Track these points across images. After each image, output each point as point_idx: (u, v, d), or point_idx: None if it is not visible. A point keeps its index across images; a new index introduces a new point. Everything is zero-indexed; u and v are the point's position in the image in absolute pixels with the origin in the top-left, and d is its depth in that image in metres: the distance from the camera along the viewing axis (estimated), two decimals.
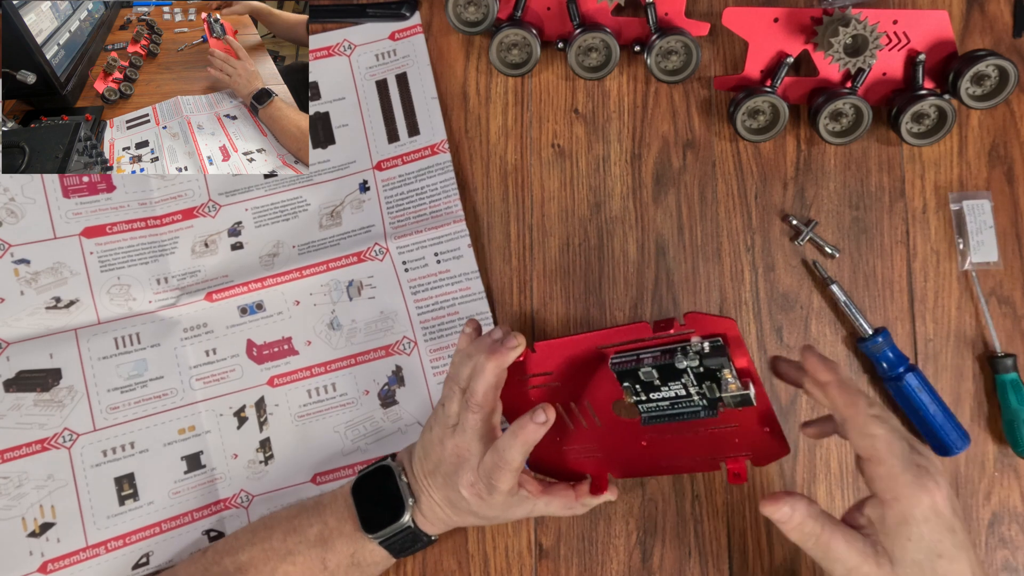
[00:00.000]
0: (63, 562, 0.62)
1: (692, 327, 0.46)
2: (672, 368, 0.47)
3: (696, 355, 0.46)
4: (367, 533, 0.57)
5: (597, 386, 0.52)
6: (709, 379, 0.47)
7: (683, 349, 0.46)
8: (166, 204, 0.68)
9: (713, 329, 0.46)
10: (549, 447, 0.57)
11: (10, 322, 0.64)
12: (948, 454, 0.63)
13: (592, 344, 0.50)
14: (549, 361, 0.51)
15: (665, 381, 0.48)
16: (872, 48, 0.62)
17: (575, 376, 0.52)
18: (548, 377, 0.53)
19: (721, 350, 0.45)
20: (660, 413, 0.50)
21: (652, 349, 0.48)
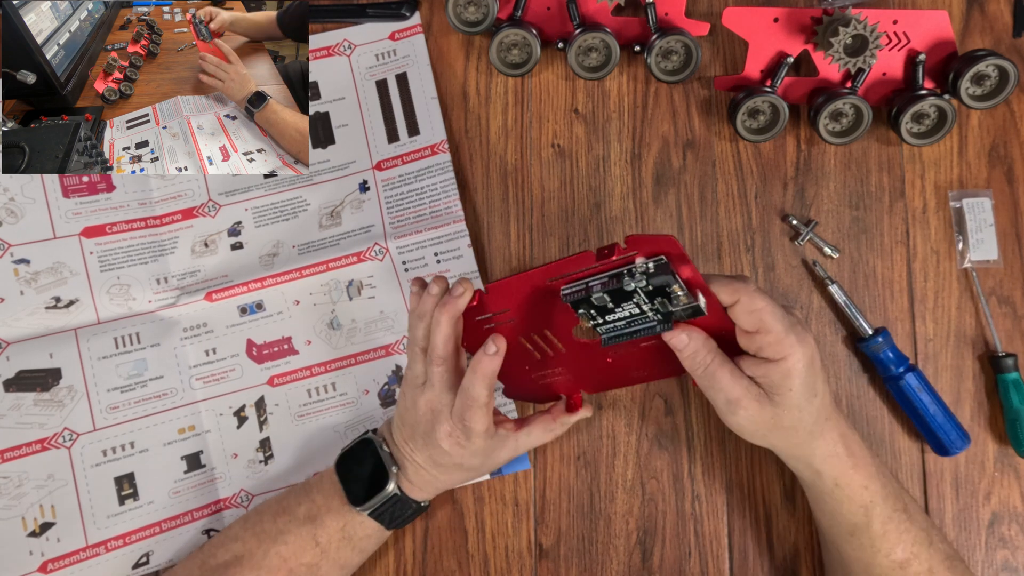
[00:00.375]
0: (63, 562, 0.62)
1: (634, 249, 0.46)
2: (622, 291, 0.47)
3: (643, 276, 0.46)
4: (354, 506, 0.57)
5: (555, 316, 0.53)
6: (659, 295, 0.48)
7: (629, 272, 0.47)
8: (166, 204, 0.68)
9: (655, 248, 0.46)
10: (521, 376, 0.59)
11: (10, 322, 0.64)
12: (948, 454, 0.63)
13: (541, 279, 0.50)
14: (504, 300, 0.52)
15: (618, 303, 0.48)
16: (872, 48, 0.62)
17: (533, 310, 0.52)
18: (506, 315, 0.53)
19: (665, 267, 0.46)
20: (618, 333, 0.51)
21: (599, 276, 0.48)
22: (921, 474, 0.65)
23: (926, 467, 0.65)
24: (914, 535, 0.54)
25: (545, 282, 0.50)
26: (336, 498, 0.58)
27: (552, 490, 0.66)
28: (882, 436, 0.65)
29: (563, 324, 0.54)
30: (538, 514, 0.66)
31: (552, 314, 0.53)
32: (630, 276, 0.47)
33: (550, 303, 0.52)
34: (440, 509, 0.66)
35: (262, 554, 0.57)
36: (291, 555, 0.57)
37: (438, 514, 0.66)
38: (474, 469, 0.58)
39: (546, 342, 0.55)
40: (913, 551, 0.54)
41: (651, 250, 0.46)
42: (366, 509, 0.57)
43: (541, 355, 0.57)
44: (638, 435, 0.66)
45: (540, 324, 0.54)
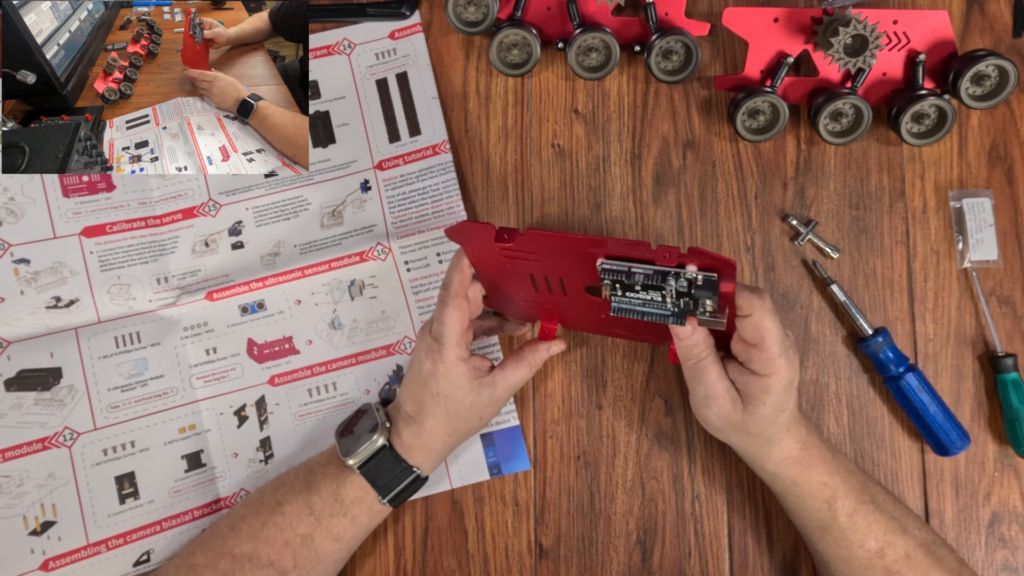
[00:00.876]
0: (64, 560, 0.62)
1: (692, 261, 0.47)
2: (660, 282, 0.48)
3: (687, 282, 0.47)
4: (344, 458, 0.58)
5: (575, 271, 0.53)
6: (688, 298, 0.48)
7: (675, 275, 0.47)
8: (166, 204, 0.68)
9: (711, 265, 0.47)
10: (510, 295, 0.60)
11: (10, 321, 0.64)
12: (948, 454, 0.63)
13: (584, 246, 0.50)
14: (536, 246, 0.52)
15: (645, 289, 0.49)
16: (872, 48, 0.62)
17: (558, 261, 0.53)
18: (531, 255, 0.53)
19: (713, 286, 0.47)
20: (630, 308, 0.50)
21: (645, 266, 0.48)
22: (921, 474, 0.65)
23: (926, 467, 0.65)
24: (884, 524, 0.55)
25: (586, 249, 0.50)
26: (331, 461, 0.59)
27: (552, 490, 0.66)
28: (882, 436, 0.65)
29: (578, 281, 0.54)
30: (538, 514, 0.66)
31: (573, 269, 0.53)
32: (674, 278, 0.47)
33: (578, 261, 0.51)
34: (440, 509, 0.66)
35: (259, 525, 0.58)
36: (287, 525, 0.57)
37: (438, 514, 0.66)
38: (458, 416, 0.59)
39: (553, 284, 0.56)
40: (886, 539, 0.55)
41: (707, 264, 0.47)
42: (355, 461, 0.57)
43: (540, 287, 0.57)
44: (638, 435, 0.66)
45: (557, 272, 0.54)
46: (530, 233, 0.51)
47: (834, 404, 0.66)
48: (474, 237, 0.54)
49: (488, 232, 0.52)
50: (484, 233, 0.52)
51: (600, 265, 0.49)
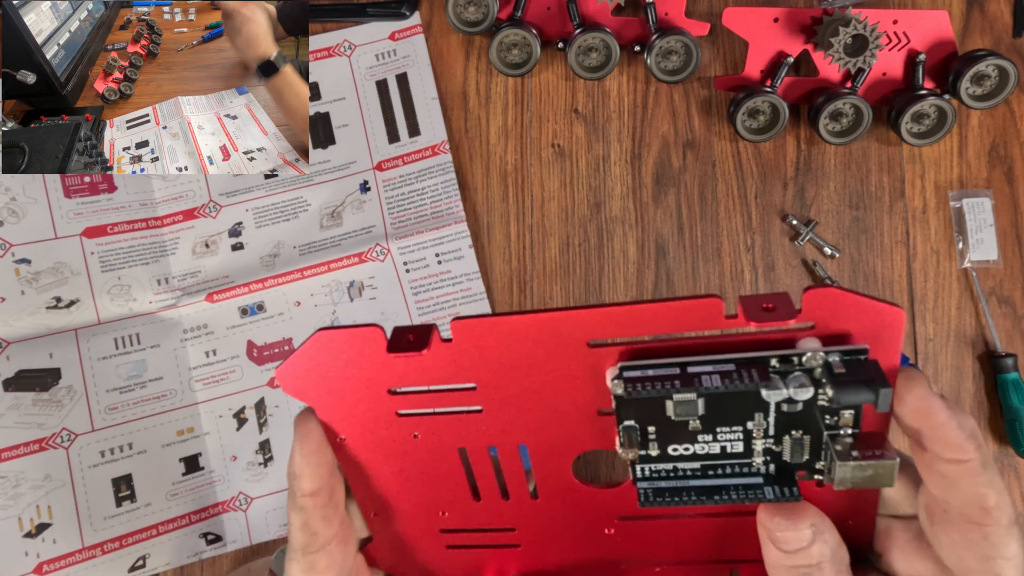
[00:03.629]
0: (59, 563, 0.62)
1: (813, 316, 0.24)
2: (743, 399, 0.25)
3: (805, 374, 0.24)
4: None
5: (556, 414, 0.27)
6: (800, 425, 0.25)
7: (785, 361, 0.24)
8: (167, 205, 0.68)
9: (853, 325, 0.24)
10: (424, 522, 0.31)
11: (10, 321, 0.64)
12: None
13: (574, 328, 0.25)
14: (472, 359, 0.26)
15: (713, 424, 0.25)
16: (872, 48, 0.62)
17: (518, 386, 0.26)
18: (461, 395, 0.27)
19: (873, 370, 0.23)
20: (678, 485, 0.26)
21: (716, 358, 0.25)
22: None
23: None
24: None
25: (583, 340, 0.25)
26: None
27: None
28: None
29: (566, 439, 0.28)
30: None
31: (554, 408, 0.27)
32: (780, 374, 0.24)
33: (563, 382, 0.26)
34: None
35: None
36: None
37: None
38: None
39: (511, 471, 0.29)
40: None
41: (844, 325, 0.24)
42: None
43: (486, 497, 0.30)
44: None
45: (517, 427, 0.28)
46: (464, 326, 0.25)
47: None
48: (337, 364, 0.26)
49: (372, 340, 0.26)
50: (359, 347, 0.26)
51: (618, 377, 0.25)
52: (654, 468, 0.26)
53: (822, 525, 0.26)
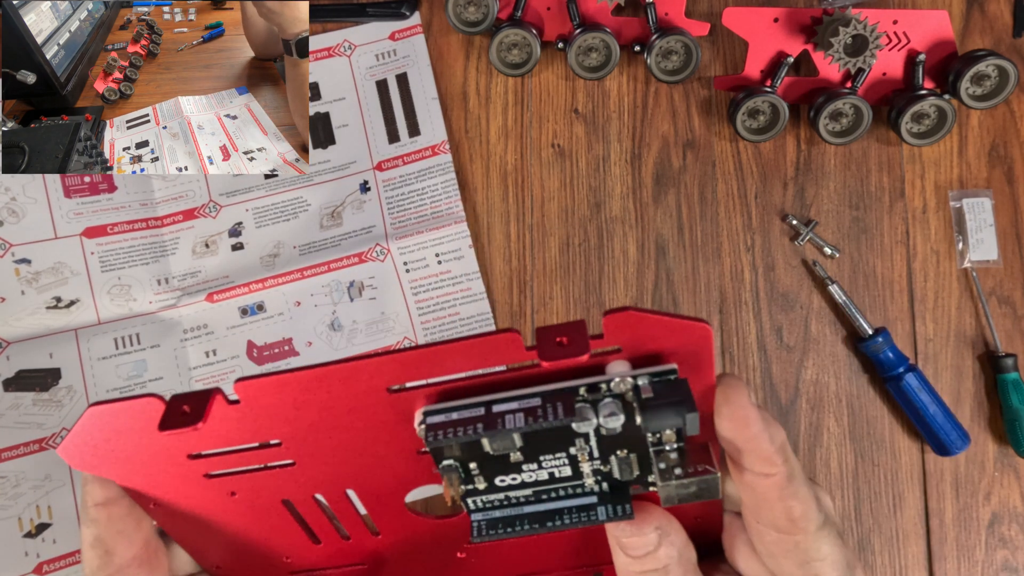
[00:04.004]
0: (58, 564, 0.62)
1: (617, 340, 0.23)
2: (560, 430, 0.23)
3: (615, 400, 0.23)
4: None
5: (380, 459, 0.26)
6: (625, 445, 0.24)
7: (593, 390, 0.23)
8: (167, 205, 0.68)
9: (662, 345, 0.23)
10: (267, 569, 0.30)
11: (10, 321, 0.64)
12: (948, 454, 0.63)
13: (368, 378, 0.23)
14: (271, 418, 0.24)
15: (535, 453, 0.24)
16: (872, 48, 0.62)
17: (330, 444, 0.25)
18: (270, 451, 0.25)
19: (682, 391, 0.22)
20: (511, 513, 0.26)
21: (518, 395, 0.24)
22: (921, 474, 0.65)
23: (926, 467, 0.65)
24: None
25: (381, 387, 0.24)
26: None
27: None
28: (882, 436, 0.65)
29: (392, 479, 0.27)
30: None
31: (374, 457, 0.26)
32: (591, 404, 0.23)
33: (374, 430, 0.25)
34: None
35: None
36: None
37: None
38: None
39: (343, 514, 0.28)
40: None
41: (652, 346, 0.23)
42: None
43: (323, 537, 0.29)
44: None
45: (340, 474, 0.27)
46: (250, 387, 0.24)
47: (834, 404, 0.66)
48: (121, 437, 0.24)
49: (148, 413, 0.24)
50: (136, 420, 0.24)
51: (422, 423, 0.24)
52: (486, 499, 0.26)
53: (668, 527, 0.26)
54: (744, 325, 0.66)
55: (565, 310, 0.67)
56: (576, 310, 0.67)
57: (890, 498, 0.65)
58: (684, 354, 0.23)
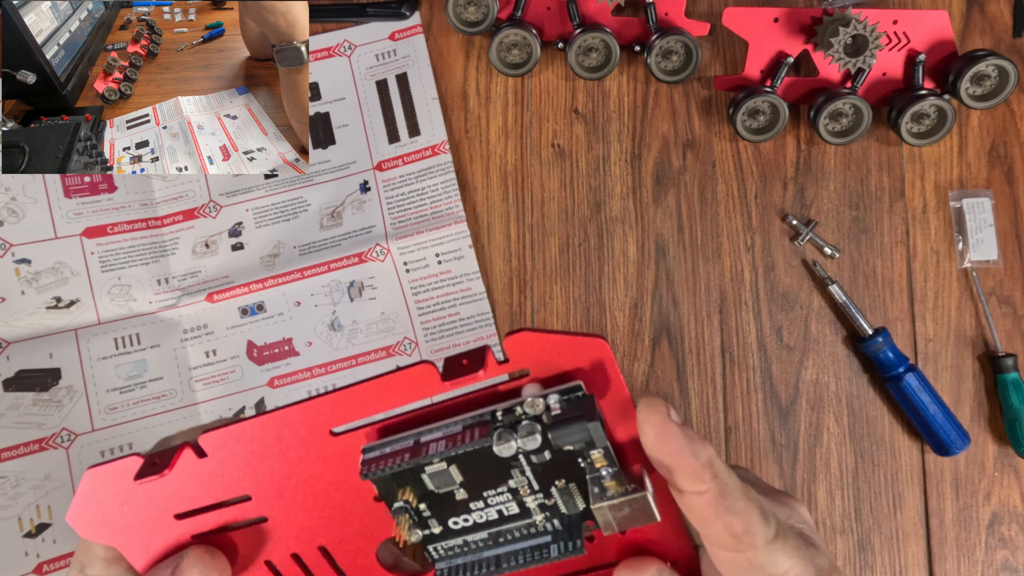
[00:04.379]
0: (58, 564, 0.62)
1: (523, 362, 0.24)
2: (488, 458, 0.24)
3: (532, 422, 0.24)
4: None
5: (343, 510, 0.27)
6: (563, 474, 0.25)
7: (508, 413, 0.24)
8: (167, 205, 0.68)
9: (567, 363, 0.24)
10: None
11: (10, 321, 0.64)
12: (948, 454, 0.63)
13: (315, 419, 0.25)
14: (234, 470, 0.26)
15: (477, 489, 0.25)
16: (872, 48, 0.62)
17: (297, 495, 0.27)
18: (243, 507, 0.27)
19: (586, 406, 0.23)
20: (472, 559, 0.27)
21: (447, 422, 0.25)
22: (921, 474, 0.65)
23: (926, 467, 0.65)
24: None
25: (324, 430, 0.25)
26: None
27: None
28: (882, 436, 0.65)
29: (360, 530, 0.28)
30: None
31: (337, 508, 0.27)
32: (507, 426, 0.24)
33: (329, 480, 0.26)
34: None
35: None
36: None
37: None
38: None
39: (319, 568, 0.29)
40: None
41: (557, 366, 0.24)
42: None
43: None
44: None
45: (312, 529, 0.28)
46: (208, 439, 0.26)
47: (834, 404, 0.66)
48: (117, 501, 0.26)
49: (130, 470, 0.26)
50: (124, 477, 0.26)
51: (362, 460, 0.25)
52: (445, 546, 0.27)
53: (642, 565, 0.27)
54: (744, 325, 0.66)
55: (565, 310, 0.67)
56: (576, 310, 0.67)
57: (890, 498, 0.65)
58: (590, 370, 0.24)
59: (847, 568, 0.64)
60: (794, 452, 0.65)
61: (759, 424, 0.65)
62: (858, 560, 0.64)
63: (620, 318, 0.67)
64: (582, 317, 0.67)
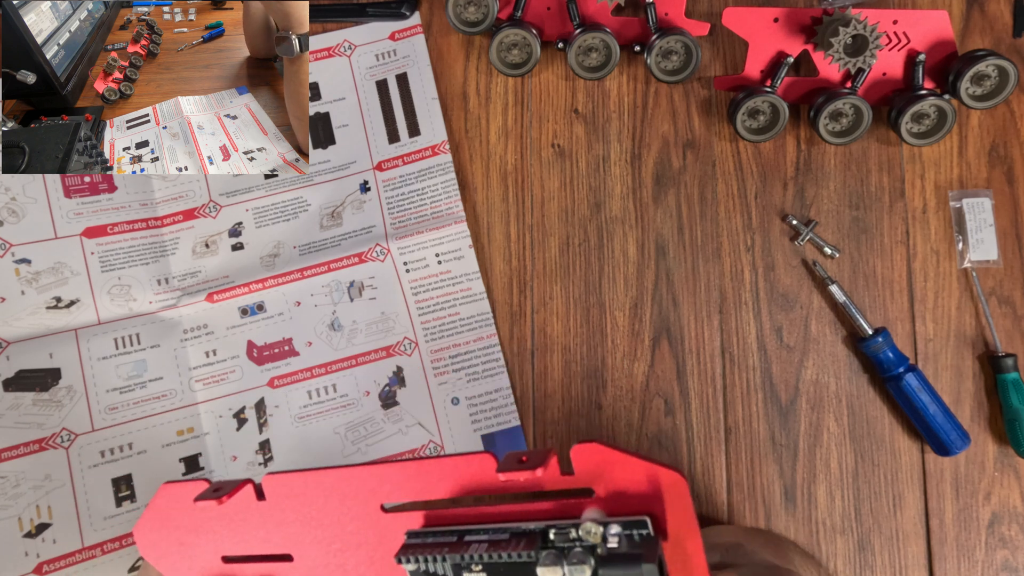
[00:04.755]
0: (59, 563, 0.62)
1: (587, 478, 0.22)
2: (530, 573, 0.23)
3: (585, 552, 0.22)
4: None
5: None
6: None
7: (562, 534, 0.23)
8: (167, 205, 0.68)
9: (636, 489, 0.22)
10: None
11: (10, 321, 0.64)
12: (948, 454, 0.63)
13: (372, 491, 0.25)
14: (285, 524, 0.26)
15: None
16: (872, 48, 0.62)
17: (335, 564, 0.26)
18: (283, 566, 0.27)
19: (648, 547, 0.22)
20: None
21: (495, 527, 0.24)
22: (921, 474, 0.65)
23: (926, 467, 0.65)
24: None
25: (377, 501, 0.25)
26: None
27: None
28: (882, 436, 0.65)
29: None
30: None
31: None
32: (558, 552, 0.22)
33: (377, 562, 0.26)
34: None
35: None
36: None
37: None
38: None
39: None
40: None
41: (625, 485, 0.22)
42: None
43: None
44: (638, 435, 0.66)
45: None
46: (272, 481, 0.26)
47: (834, 404, 0.66)
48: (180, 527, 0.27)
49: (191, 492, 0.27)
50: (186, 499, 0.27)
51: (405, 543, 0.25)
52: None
53: None
54: (744, 325, 0.66)
55: (565, 310, 0.67)
56: (576, 310, 0.67)
57: (890, 498, 0.65)
58: (658, 503, 0.22)
59: (847, 568, 0.64)
60: (794, 452, 0.65)
61: (759, 424, 0.65)
62: (858, 560, 0.64)
63: (620, 318, 0.67)
64: (582, 317, 0.67)
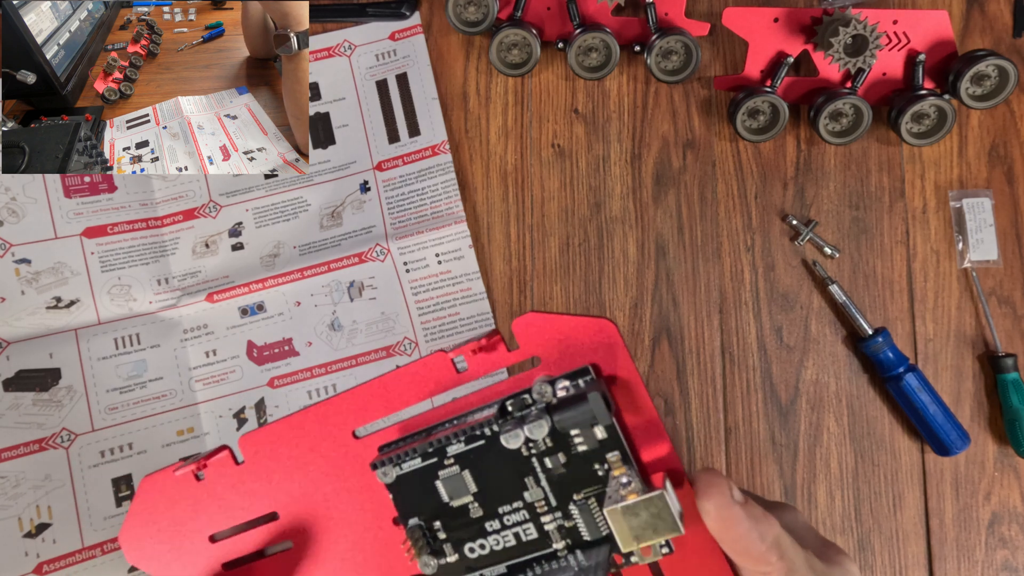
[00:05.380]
0: (59, 563, 0.62)
1: (532, 347, 0.24)
2: (501, 458, 0.24)
3: (540, 411, 0.23)
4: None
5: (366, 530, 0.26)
6: (581, 485, 0.23)
7: (518, 402, 0.24)
8: (167, 205, 0.68)
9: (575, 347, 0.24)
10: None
11: (10, 321, 0.64)
12: (948, 454, 0.63)
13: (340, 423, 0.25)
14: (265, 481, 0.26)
15: (492, 504, 0.24)
16: (872, 48, 0.62)
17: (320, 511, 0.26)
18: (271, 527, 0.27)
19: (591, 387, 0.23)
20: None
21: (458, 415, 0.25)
22: (921, 474, 0.65)
23: (926, 467, 0.65)
24: None
25: (347, 430, 0.25)
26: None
27: None
28: (882, 436, 0.65)
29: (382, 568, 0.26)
30: None
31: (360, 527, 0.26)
32: (514, 415, 0.23)
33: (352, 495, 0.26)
34: None
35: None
36: None
37: None
38: None
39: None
40: None
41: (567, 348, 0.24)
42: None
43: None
44: None
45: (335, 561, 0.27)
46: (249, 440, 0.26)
47: (834, 404, 0.66)
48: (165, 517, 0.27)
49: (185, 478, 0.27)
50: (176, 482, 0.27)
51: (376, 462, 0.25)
52: (466, 563, 0.25)
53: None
54: (744, 325, 0.66)
55: (565, 310, 0.67)
56: (576, 310, 0.67)
57: (890, 498, 0.65)
58: (599, 354, 0.24)
59: None
60: (794, 452, 0.65)
61: (759, 424, 0.65)
62: (858, 560, 0.64)
63: (620, 318, 0.67)
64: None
